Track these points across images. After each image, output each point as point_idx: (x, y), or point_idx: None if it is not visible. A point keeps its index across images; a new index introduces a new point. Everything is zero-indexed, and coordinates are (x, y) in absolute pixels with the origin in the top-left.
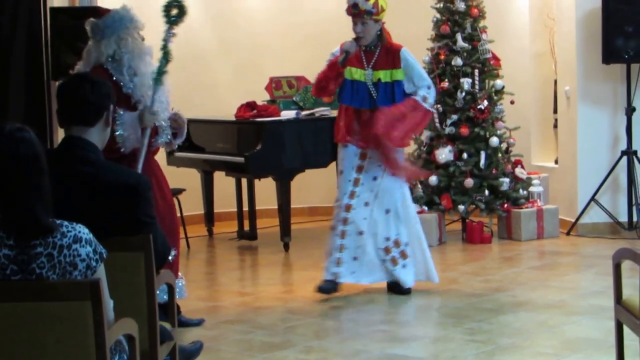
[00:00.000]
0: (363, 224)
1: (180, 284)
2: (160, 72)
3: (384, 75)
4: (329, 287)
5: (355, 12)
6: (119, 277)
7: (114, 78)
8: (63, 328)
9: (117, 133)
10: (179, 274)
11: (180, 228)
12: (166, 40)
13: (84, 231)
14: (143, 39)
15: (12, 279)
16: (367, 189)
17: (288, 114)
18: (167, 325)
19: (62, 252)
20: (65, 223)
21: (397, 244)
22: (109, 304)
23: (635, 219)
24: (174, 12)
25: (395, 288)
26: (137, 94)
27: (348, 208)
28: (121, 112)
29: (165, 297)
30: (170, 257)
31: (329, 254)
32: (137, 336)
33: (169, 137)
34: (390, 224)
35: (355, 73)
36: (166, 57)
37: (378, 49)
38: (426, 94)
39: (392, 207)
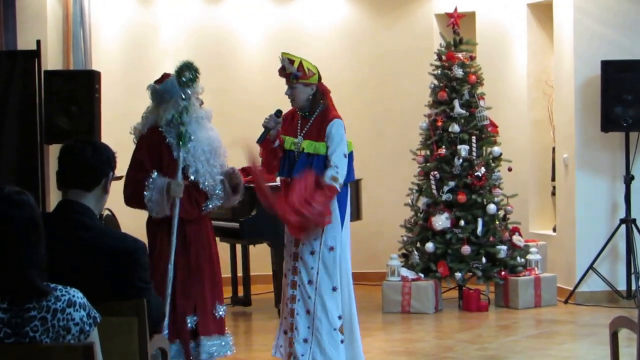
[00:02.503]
0: (310, 303)
1: (227, 338)
2: (182, 136)
3: (307, 146)
4: None
5: (283, 74)
6: (113, 341)
7: (167, 141)
8: None
9: (145, 194)
10: (227, 330)
11: None
12: (182, 104)
13: (78, 295)
14: (202, 103)
15: (5, 342)
16: (307, 265)
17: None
18: None
19: (55, 315)
20: (60, 287)
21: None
22: None
23: (634, 287)
24: (187, 74)
25: None
26: (189, 159)
27: (294, 285)
28: (154, 176)
29: None
30: (222, 313)
31: (283, 332)
32: None
33: (220, 201)
34: (338, 301)
35: (287, 142)
36: (180, 118)
37: (313, 117)
38: (326, 179)
39: (337, 284)
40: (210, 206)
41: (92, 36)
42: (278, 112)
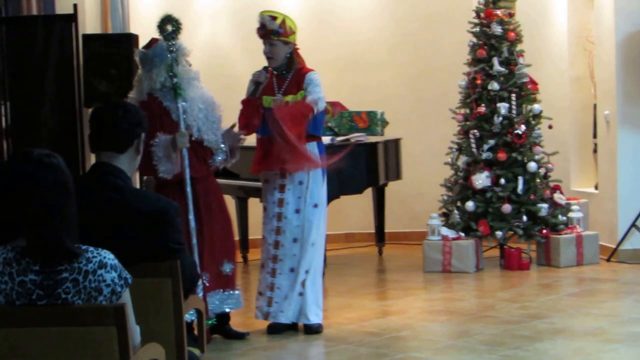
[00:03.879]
0: (294, 261)
1: (236, 294)
2: (176, 87)
3: (291, 100)
4: (279, 328)
5: (263, 32)
6: (147, 303)
7: (164, 105)
8: (88, 353)
9: (154, 153)
10: (237, 285)
11: None
12: (169, 56)
13: (109, 257)
14: (190, 65)
15: (38, 304)
16: (292, 224)
17: (323, 140)
18: (195, 351)
19: (87, 277)
20: (91, 249)
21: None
22: (134, 329)
23: None
24: (169, 27)
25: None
26: (189, 119)
27: (276, 245)
28: (158, 136)
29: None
30: (229, 270)
31: (260, 293)
32: None
33: (226, 155)
34: (313, 255)
35: (265, 100)
36: (171, 70)
37: (290, 75)
38: (316, 97)
39: (317, 240)
40: (218, 160)
41: (130, 0)
42: (265, 68)
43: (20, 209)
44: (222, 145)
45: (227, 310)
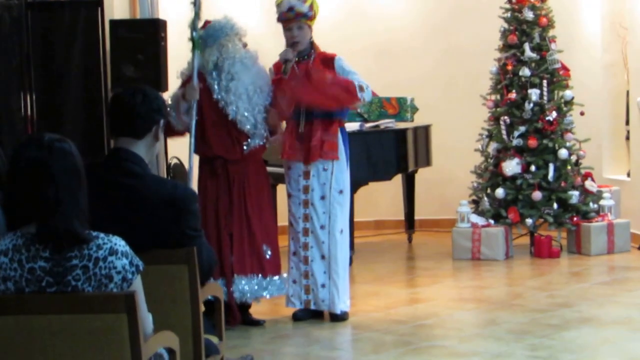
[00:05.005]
0: (324, 248)
1: (275, 280)
2: (194, 41)
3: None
4: (305, 316)
5: (291, 15)
6: (163, 290)
7: (207, 82)
8: (98, 341)
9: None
10: (280, 271)
11: None
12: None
13: (120, 243)
14: (245, 45)
15: (48, 291)
16: (319, 211)
17: (352, 126)
18: (214, 339)
19: (97, 264)
20: (102, 235)
21: None
22: (146, 317)
23: None
24: None
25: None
26: (231, 97)
27: (306, 232)
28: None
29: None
30: (267, 255)
31: (294, 281)
32: (178, 349)
33: (263, 140)
34: (346, 243)
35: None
36: (193, 25)
37: (312, 59)
38: (363, 85)
39: (344, 227)
40: (253, 145)
41: None
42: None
43: (31, 194)
44: (260, 131)
45: (268, 296)
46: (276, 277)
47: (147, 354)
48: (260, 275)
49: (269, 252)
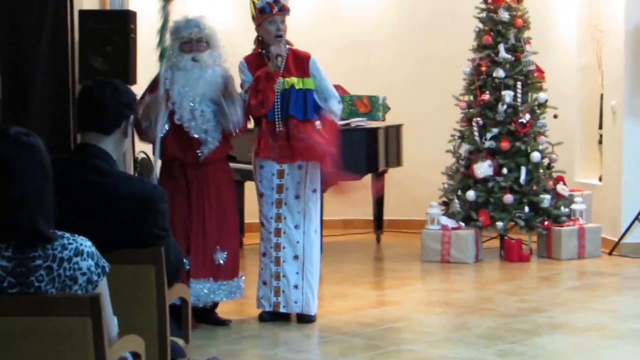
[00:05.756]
0: (299, 248)
1: (230, 284)
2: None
3: (297, 82)
4: (271, 317)
5: (277, 9)
6: (129, 291)
7: (160, 73)
8: (62, 345)
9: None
10: (236, 274)
11: None
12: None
13: (85, 244)
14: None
15: (9, 292)
16: (293, 210)
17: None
18: (179, 341)
19: (62, 265)
20: (67, 235)
21: None
22: (111, 320)
23: None
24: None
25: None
26: (177, 105)
27: (278, 232)
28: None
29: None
30: (221, 260)
31: (264, 282)
32: (143, 353)
33: (217, 143)
34: (318, 243)
35: (287, 83)
36: (160, 34)
37: (286, 54)
38: (337, 110)
39: (318, 227)
40: (205, 152)
41: None
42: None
43: None
44: (210, 139)
45: (217, 300)
46: (231, 281)
47: (112, 358)
48: (211, 279)
49: (225, 256)
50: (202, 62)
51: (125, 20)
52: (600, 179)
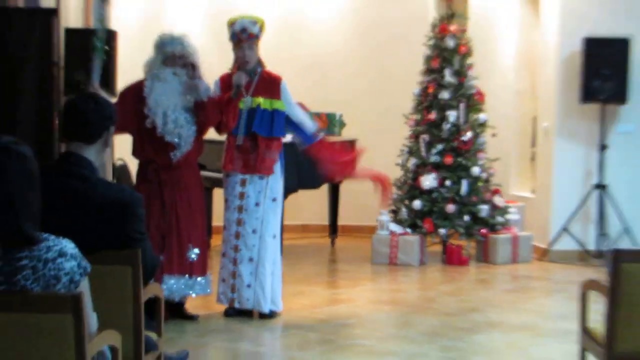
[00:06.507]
0: (254, 251)
1: (200, 281)
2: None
3: (263, 102)
4: (235, 313)
5: (243, 37)
6: (108, 290)
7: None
8: (44, 340)
9: None
10: (206, 271)
11: None
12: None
13: (69, 246)
14: (193, 73)
15: None
16: (252, 216)
17: (285, 138)
18: (153, 335)
19: (47, 265)
20: (52, 237)
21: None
22: (91, 316)
23: (602, 248)
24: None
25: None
26: (155, 113)
27: (237, 235)
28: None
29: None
30: (194, 256)
31: (223, 280)
32: (120, 347)
33: (190, 147)
34: (276, 247)
35: (241, 102)
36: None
37: (257, 76)
38: (315, 129)
39: (277, 232)
40: (180, 154)
41: None
42: (245, 70)
43: None
44: (188, 141)
45: (193, 295)
46: (201, 278)
47: (91, 353)
48: (187, 275)
49: (196, 253)
50: (180, 77)
51: (107, 39)
52: (532, 192)
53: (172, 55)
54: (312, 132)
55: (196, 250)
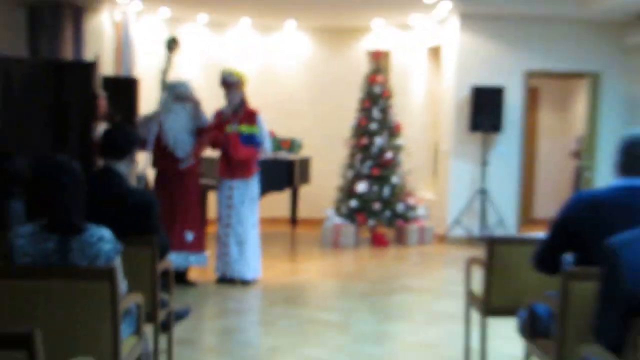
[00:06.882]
0: (240, 236)
1: (198, 256)
2: (162, 81)
3: (245, 128)
4: (224, 280)
5: (226, 84)
6: (134, 264)
7: (160, 118)
8: (89, 300)
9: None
10: (202, 250)
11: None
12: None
13: (106, 233)
14: (189, 100)
15: (55, 264)
16: (240, 211)
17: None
18: (165, 296)
19: (90, 246)
20: (94, 226)
21: None
22: (122, 283)
23: (483, 234)
24: (172, 44)
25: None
26: (168, 136)
27: (227, 225)
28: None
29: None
30: (190, 238)
31: (218, 257)
32: (142, 305)
33: (192, 162)
34: (256, 233)
35: (228, 128)
36: (164, 70)
37: (242, 111)
38: (268, 148)
39: (256, 222)
40: (184, 165)
41: (134, 52)
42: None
43: (45, 198)
44: (190, 158)
45: (190, 265)
46: (195, 254)
47: (122, 308)
48: (183, 251)
49: (191, 236)
50: (187, 110)
51: (131, 83)
52: (434, 195)
53: (180, 94)
54: (264, 148)
55: (190, 233)
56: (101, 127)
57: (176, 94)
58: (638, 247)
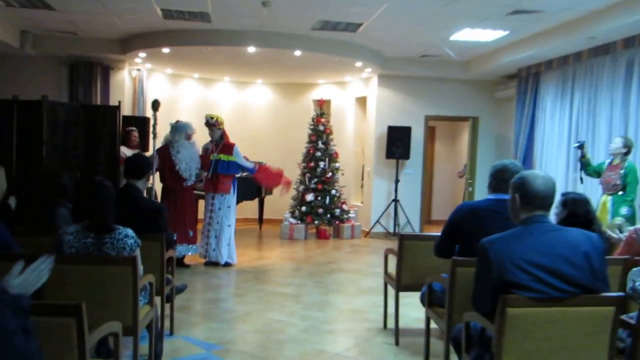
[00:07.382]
0: (218, 232)
1: (194, 247)
2: (153, 126)
3: (223, 157)
4: (210, 263)
5: (207, 124)
6: (148, 253)
7: (170, 151)
8: (116, 280)
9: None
10: (196, 242)
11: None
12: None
13: (130, 231)
14: (189, 136)
15: (92, 254)
16: (218, 215)
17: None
18: (169, 276)
19: (118, 241)
20: (121, 227)
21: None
22: (140, 267)
23: (396, 230)
24: (155, 104)
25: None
26: (178, 161)
27: (210, 224)
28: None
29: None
30: (191, 234)
31: (201, 246)
32: (154, 283)
33: (193, 181)
34: (231, 231)
35: (212, 156)
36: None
37: (221, 143)
38: (249, 166)
39: (232, 223)
40: (188, 184)
41: (146, 99)
42: (210, 142)
43: (87, 207)
44: (193, 177)
45: (190, 254)
46: (193, 245)
47: (141, 285)
48: (185, 244)
49: (191, 233)
50: (192, 145)
51: (144, 121)
52: (362, 203)
53: (189, 134)
54: (252, 167)
55: (191, 231)
56: (129, 152)
57: (187, 134)
58: (501, 245)
